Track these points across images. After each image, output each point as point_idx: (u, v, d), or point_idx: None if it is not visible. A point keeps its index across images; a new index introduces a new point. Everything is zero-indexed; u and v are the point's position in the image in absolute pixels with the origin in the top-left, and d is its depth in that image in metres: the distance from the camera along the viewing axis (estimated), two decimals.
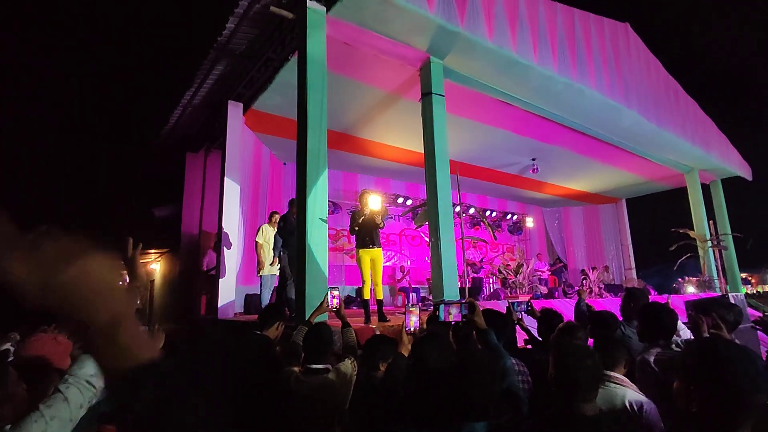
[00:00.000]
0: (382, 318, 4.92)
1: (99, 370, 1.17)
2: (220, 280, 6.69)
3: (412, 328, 2.54)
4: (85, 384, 1.24)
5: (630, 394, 1.89)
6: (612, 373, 1.96)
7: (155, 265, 11.73)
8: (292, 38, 5.67)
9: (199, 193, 8.90)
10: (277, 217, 6.29)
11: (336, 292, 3.09)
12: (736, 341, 2.65)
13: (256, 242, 6.46)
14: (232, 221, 7.04)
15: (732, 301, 7.60)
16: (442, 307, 2.26)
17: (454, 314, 2.23)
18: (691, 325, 2.44)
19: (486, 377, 1.45)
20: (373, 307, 5.11)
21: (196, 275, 8.22)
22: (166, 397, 0.52)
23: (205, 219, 8.60)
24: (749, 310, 9.71)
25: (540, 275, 12.31)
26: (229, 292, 6.74)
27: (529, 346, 3.22)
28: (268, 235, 6.41)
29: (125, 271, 1.45)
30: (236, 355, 2.31)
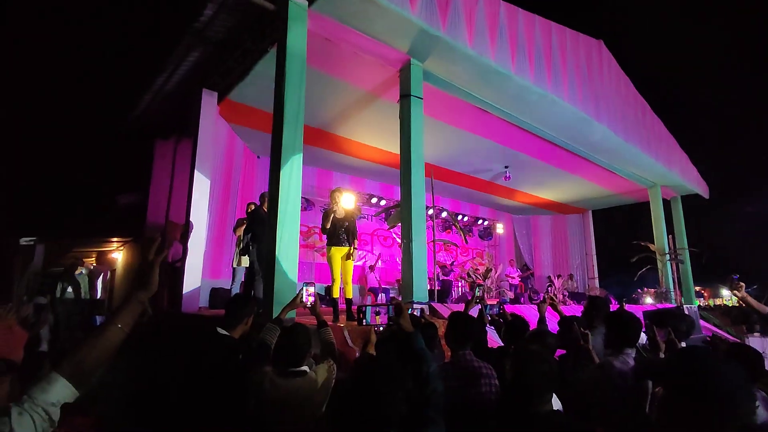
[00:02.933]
0: (350, 317, 4.89)
1: (67, 396, 1.03)
2: (185, 272, 6.49)
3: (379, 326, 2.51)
4: (41, 413, 1.00)
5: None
6: None
7: (117, 254, 11.29)
8: (272, 30, 5.57)
9: (167, 181, 8.60)
10: (253, 207, 6.20)
11: (312, 289, 2.84)
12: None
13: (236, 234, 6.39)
14: (201, 212, 6.85)
15: (686, 312, 7.97)
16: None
17: (381, 317, 2.14)
18: (648, 335, 2.55)
19: (386, 386, 1.35)
20: (342, 306, 5.08)
21: (159, 266, 7.94)
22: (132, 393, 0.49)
23: (172, 208, 8.32)
24: (701, 322, 10.20)
25: (510, 280, 12.57)
26: (194, 285, 6.55)
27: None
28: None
29: (139, 275, 1.31)
30: (198, 357, 2.16)
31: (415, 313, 3.36)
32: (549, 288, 11.16)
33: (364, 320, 2.19)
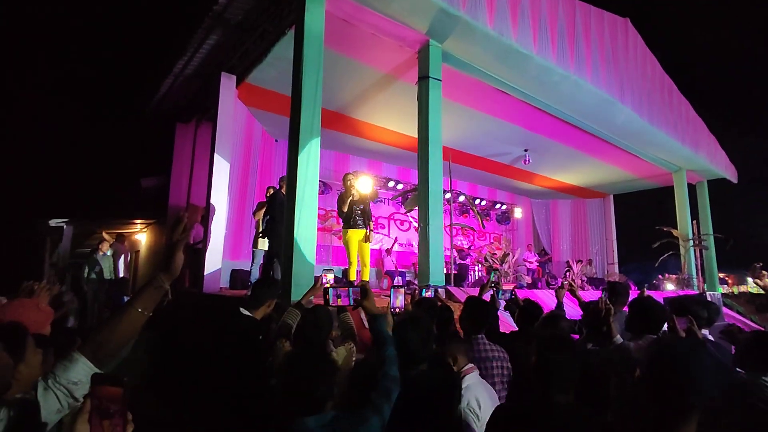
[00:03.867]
0: None
1: (88, 375, 1.05)
2: (207, 253, 6.65)
3: (397, 308, 2.53)
4: (63, 390, 1.05)
5: None
6: None
7: (141, 236, 11.61)
8: (289, 11, 5.52)
9: (188, 164, 8.76)
10: (272, 191, 6.28)
11: (330, 275, 2.88)
12: (710, 338, 2.74)
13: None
14: (221, 195, 6.96)
15: (709, 299, 7.81)
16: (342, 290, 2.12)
17: (342, 299, 2.08)
18: (668, 324, 2.51)
19: (314, 370, 1.35)
20: None
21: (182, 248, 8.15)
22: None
23: (193, 191, 8.49)
24: (724, 309, 10.00)
25: (528, 265, 12.49)
26: (215, 266, 6.71)
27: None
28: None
29: (162, 257, 1.28)
30: (221, 334, 2.23)
31: (428, 295, 3.39)
32: (567, 273, 11.06)
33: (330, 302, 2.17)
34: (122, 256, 8.21)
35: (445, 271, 6.19)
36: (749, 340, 2.12)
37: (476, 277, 10.84)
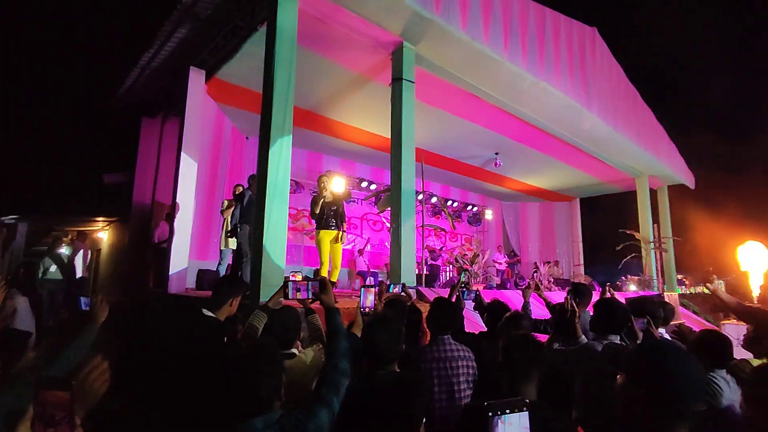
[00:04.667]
0: None
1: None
2: (172, 252, 6.45)
3: (367, 308, 2.52)
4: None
5: None
6: None
7: (102, 234, 11.16)
8: (262, 8, 5.43)
9: (154, 160, 8.47)
10: (240, 189, 6.15)
11: (299, 277, 2.84)
12: (666, 336, 2.86)
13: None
14: (188, 193, 6.77)
15: (667, 299, 8.16)
16: (289, 284, 2.13)
17: (302, 293, 2.11)
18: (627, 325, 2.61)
19: (260, 370, 1.35)
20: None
21: (146, 246, 7.89)
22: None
23: (159, 188, 8.22)
24: (681, 309, 10.48)
25: (497, 266, 12.72)
26: (181, 266, 6.52)
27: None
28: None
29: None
30: (182, 337, 2.17)
31: (395, 290, 3.39)
32: (535, 274, 11.33)
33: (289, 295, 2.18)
34: (79, 254, 7.85)
35: (416, 272, 6.23)
36: (697, 339, 2.24)
37: (447, 278, 10.97)
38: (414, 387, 1.76)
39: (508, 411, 0.96)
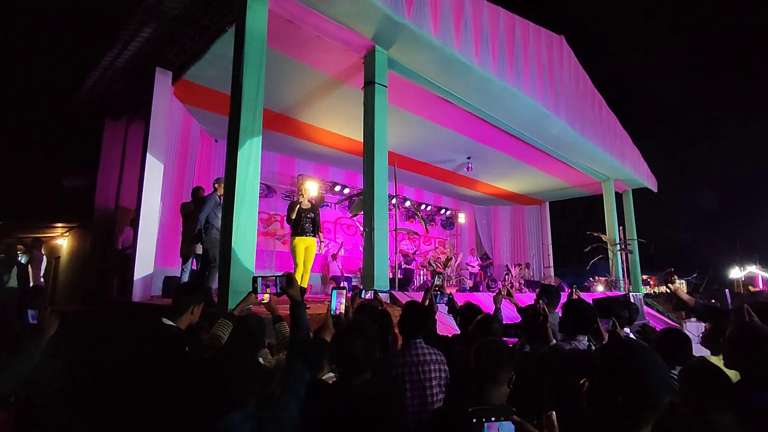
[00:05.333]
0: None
1: None
2: (137, 259, 6.21)
3: (338, 312, 2.46)
4: None
5: None
6: None
7: (62, 241, 10.65)
8: (230, 8, 5.32)
9: (118, 163, 8.15)
10: (202, 192, 5.94)
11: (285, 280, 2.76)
12: (631, 336, 2.93)
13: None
14: (153, 197, 6.54)
15: (632, 299, 8.41)
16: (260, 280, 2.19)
17: (270, 287, 2.17)
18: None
19: (237, 369, 1.41)
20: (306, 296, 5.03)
21: (109, 253, 7.57)
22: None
23: (123, 192, 7.90)
24: (645, 308, 10.85)
25: (470, 269, 12.85)
26: (145, 273, 6.28)
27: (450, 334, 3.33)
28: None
29: None
30: (138, 347, 2.07)
31: (367, 297, 3.36)
32: (506, 276, 11.50)
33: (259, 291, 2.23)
34: (39, 263, 7.47)
35: (390, 276, 6.20)
36: (658, 338, 2.31)
37: (421, 281, 10.99)
38: (387, 396, 1.73)
39: (493, 418, 0.94)
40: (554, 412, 0.90)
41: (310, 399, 1.64)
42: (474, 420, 0.91)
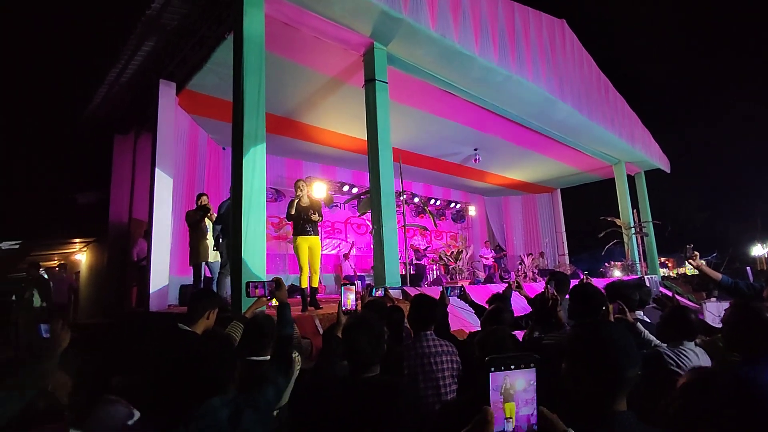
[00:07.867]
0: (314, 304, 4.91)
1: None
2: (152, 270, 6.31)
3: (349, 307, 2.49)
4: None
5: None
6: None
7: (80, 256, 10.88)
8: (227, 16, 5.37)
9: (129, 177, 8.30)
10: (204, 199, 6.00)
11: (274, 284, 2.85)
12: (645, 319, 2.89)
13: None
14: (164, 208, 6.63)
15: (647, 283, 8.29)
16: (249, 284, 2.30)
17: (259, 290, 2.29)
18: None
19: (217, 357, 1.53)
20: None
21: (125, 265, 7.71)
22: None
23: (135, 206, 8.05)
24: (664, 291, 10.66)
25: (484, 261, 12.78)
26: (161, 283, 6.39)
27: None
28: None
29: None
30: (158, 353, 2.13)
31: (378, 294, 3.37)
32: (519, 266, 11.41)
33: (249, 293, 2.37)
34: (66, 284, 7.65)
35: (401, 272, 6.20)
36: (666, 315, 2.29)
37: (435, 276, 10.97)
38: (397, 391, 1.74)
39: (513, 366, 0.86)
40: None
41: (321, 393, 1.66)
42: (492, 369, 0.87)
